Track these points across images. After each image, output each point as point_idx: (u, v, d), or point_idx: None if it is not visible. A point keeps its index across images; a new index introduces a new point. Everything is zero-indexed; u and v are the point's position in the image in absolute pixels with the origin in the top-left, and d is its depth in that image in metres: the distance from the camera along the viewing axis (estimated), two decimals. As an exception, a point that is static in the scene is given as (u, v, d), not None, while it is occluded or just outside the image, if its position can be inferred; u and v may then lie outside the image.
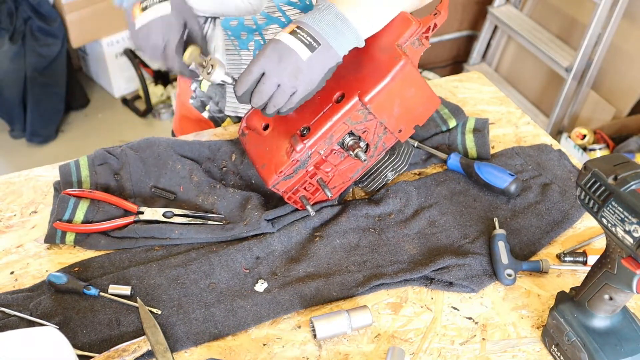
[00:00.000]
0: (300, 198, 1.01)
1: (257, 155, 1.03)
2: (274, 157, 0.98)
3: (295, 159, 0.95)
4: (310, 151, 0.95)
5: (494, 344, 0.89)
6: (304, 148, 0.93)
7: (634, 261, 0.73)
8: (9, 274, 0.97)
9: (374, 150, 1.00)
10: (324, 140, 0.94)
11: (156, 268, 0.96)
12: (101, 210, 1.04)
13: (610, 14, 2.50)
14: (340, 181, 1.03)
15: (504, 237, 1.00)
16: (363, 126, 0.95)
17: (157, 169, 1.10)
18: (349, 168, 1.01)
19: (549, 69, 2.85)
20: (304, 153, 0.94)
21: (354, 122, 0.94)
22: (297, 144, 0.93)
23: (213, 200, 1.06)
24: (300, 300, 0.92)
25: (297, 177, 0.98)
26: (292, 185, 0.99)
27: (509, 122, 1.30)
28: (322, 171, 0.99)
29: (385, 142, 1.00)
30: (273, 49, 0.88)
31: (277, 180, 0.97)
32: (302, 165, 0.97)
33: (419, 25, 0.94)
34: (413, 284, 0.96)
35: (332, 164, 0.99)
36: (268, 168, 0.98)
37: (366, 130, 0.96)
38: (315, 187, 1.01)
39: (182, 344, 0.87)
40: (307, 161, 0.96)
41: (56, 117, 3.03)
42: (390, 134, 0.98)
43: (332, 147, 0.97)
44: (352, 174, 1.03)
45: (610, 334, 0.80)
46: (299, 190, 1.00)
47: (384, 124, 0.96)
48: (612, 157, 0.75)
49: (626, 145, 2.54)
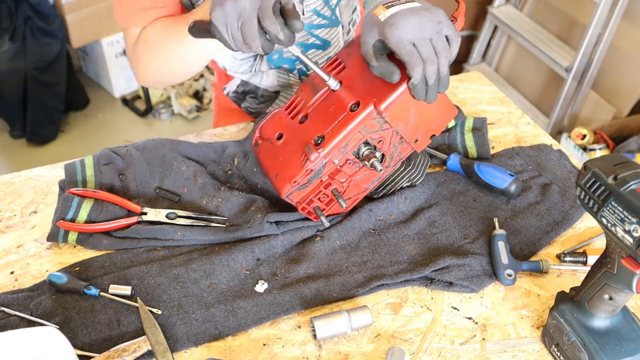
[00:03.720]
0: (314, 209, 0.99)
1: (270, 165, 1.00)
2: (287, 166, 0.96)
3: (309, 168, 0.93)
4: (325, 161, 0.93)
5: (494, 344, 0.89)
6: (318, 157, 0.91)
7: (634, 261, 0.73)
8: (9, 274, 0.97)
9: (389, 161, 0.98)
10: (339, 150, 0.93)
11: (157, 268, 0.96)
12: (104, 210, 1.04)
13: (610, 14, 2.50)
14: (355, 192, 1.01)
15: (504, 237, 1.00)
16: (379, 135, 0.93)
17: (161, 170, 1.10)
18: (365, 178, 1.00)
19: (549, 69, 2.85)
20: (318, 162, 0.93)
21: (369, 131, 0.92)
22: (311, 154, 0.91)
23: (217, 203, 1.06)
24: (300, 301, 0.92)
25: (311, 187, 0.96)
26: (306, 195, 0.98)
27: (509, 122, 1.30)
28: (337, 181, 0.97)
29: (402, 152, 0.98)
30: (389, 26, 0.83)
31: (290, 190, 0.95)
32: (316, 175, 0.95)
33: None
34: (413, 284, 0.96)
35: (347, 174, 0.97)
36: (281, 178, 0.96)
37: (382, 140, 0.94)
38: (330, 197, 0.99)
39: (182, 344, 0.87)
40: (322, 171, 0.95)
41: (56, 117, 3.03)
42: (406, 144, 0.96)
43: (347, 157, 0.95)
44: (367, 185, 1.01)
45: (610, 334, 0.80)
46: (313, 200, 0.98)
47: (399, 134, 0.94)
48: (612, 157, 0.75)
49: (626, 145, 2.54)
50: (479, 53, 3.18)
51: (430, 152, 1.17)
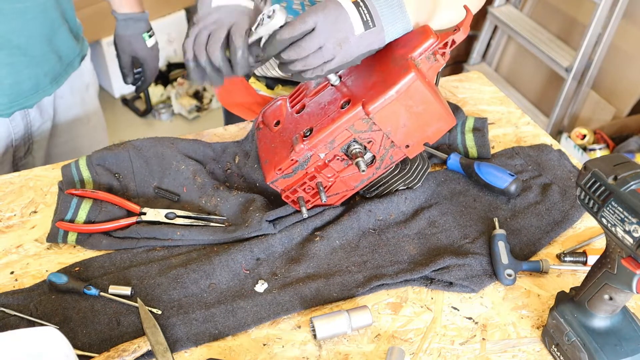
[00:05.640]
0: (297, 198, 1.00)
1: (263, 150, 1.03)
2: (276, 154, 0.98)
3: (293, 158, 0.94)
4: (310, 153, 0.94)
5: (494, 344, 0.89)
6: (302, 149, 0.93)
7: (634, 261, 0.73)
8: (9, 274, 0.97)
9: (380, 163, 0.98)
10: (325, 145, 0.93)
11: (157, 268, 0.96)
12: (104, 211, 1.04)
13: (610, 14, 2.50)
14: (343, 188, 1.02)
15: (504, 237, 1.00)
16: (368, 136, 0.93)
17: (160, 169, 1.10)
18: (353, 177, 1.00)
19: (549, 69, 2.85)
20: (303, 154, 0.94)
21: (357, 131, 0.92)
22: (296, 145, 0.93)
23: (216, 202, 1.06)
24: (300, 300, 0.92)
25: (296, 177, 0.98)
26: (290, 184, 0.99)
27: (509, 122, 1.30)
28: (324, 175, 0.98)
29: (393, 155, 0.97)
30: (333, 10, 0.86)
31: (275, 177, 0.97)
32: (301, 166, 0.96)
33: (437, 39, 0.89)
34: (413, 284, 0.96)
35: (335, 170, 0.98)
36: (270, 164, 0.99)
37: (372, 141, 0.94)
38: (315, 190, 1.00)
39: (182, 344, 0.87)
40: (307, 163, 0.96)
41: (56, 117, 3.03)
42: (397, 148, 0.96)
43: (335, 153, 0.95)
44: (356, 183, 1.01)
45: (610, 334, 0.80)
46: (297, 190, 1.00)
47: (389, 137, 0.93)
48: (612, 157, 0.75)
49: (626, 145, 2.54)
50: (479, 53, 3.18)
51: (430, 152, 1.17)
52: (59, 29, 1.27)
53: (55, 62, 1.29)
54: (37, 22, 1.20)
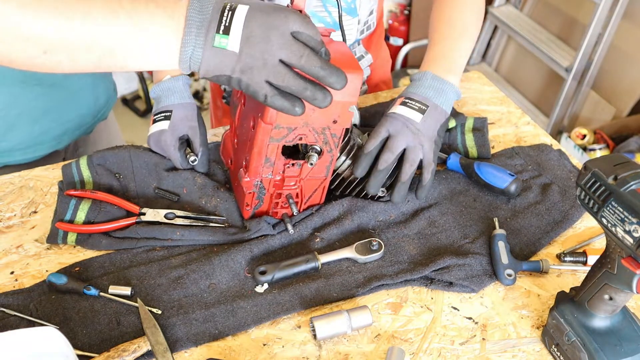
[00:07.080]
0: (282, 216, 1.02)
1: (234, 189, 1.06)
2: (237, 192, 1.03)
3: (250, 191, 0.97)
4: (258, 180, 0.95)
5: (494, 344, 0.89)
6: (249, 182, 0.95)
7: (634, 261, 0.73)
8: (9, 274, 0.97)
9: (327, 146, 0.94)
10: (263, 167, 0.93)
11: (157, 268, 0.96)
12: (103, 211, 1.04)
13: (610, 14, 2.50)
14: (315, 185, 1.01)
15: (504, 237, 1.00)
16: (294, 135, 0.90)
17: (160, 170, 1.10)
18: (316, 170, 0.98)
19: (549, 69, 2.85)
20: (253, 184, 0.96)
21: (279, 139, 0.89)
22: (242, 179, 0.96)
23: (216, 203, 1.06)
24: (300, 301, 0.92)
25: (266, 202, 1.00)
26: (266, 209, 1.02)
27: (509, 122, 1.30)
28: (288, 187, 0.99)
29: (334, 132, 0.92)
30: (393, 119, 1.02)
31: (249, 212, 1.01)
32: (262, 191, 0.98)
33: None
34: (413, 284, 0.96)
35: (295, 177, 0.98)
36: (240, 203, 1.02)
37: (302, 137, 0.91)
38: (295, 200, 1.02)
39: (182, 344, 0.87)
40: (264, 187, 0.97)
41: (56, 117, 3.02)
42: (327, 128, 0.91)
43: (284, 164, 0.94)
44: (323, 173, 1.00)
45: (610, 334, 0.80)
46: (277, 211, 1.02)
47: (311, 125, 0.89)
48: (612, 157, 0.75)
49: (626, 145, 2.55)
50: (479, 53, 3.18)
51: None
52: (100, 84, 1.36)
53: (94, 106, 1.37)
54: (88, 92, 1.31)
